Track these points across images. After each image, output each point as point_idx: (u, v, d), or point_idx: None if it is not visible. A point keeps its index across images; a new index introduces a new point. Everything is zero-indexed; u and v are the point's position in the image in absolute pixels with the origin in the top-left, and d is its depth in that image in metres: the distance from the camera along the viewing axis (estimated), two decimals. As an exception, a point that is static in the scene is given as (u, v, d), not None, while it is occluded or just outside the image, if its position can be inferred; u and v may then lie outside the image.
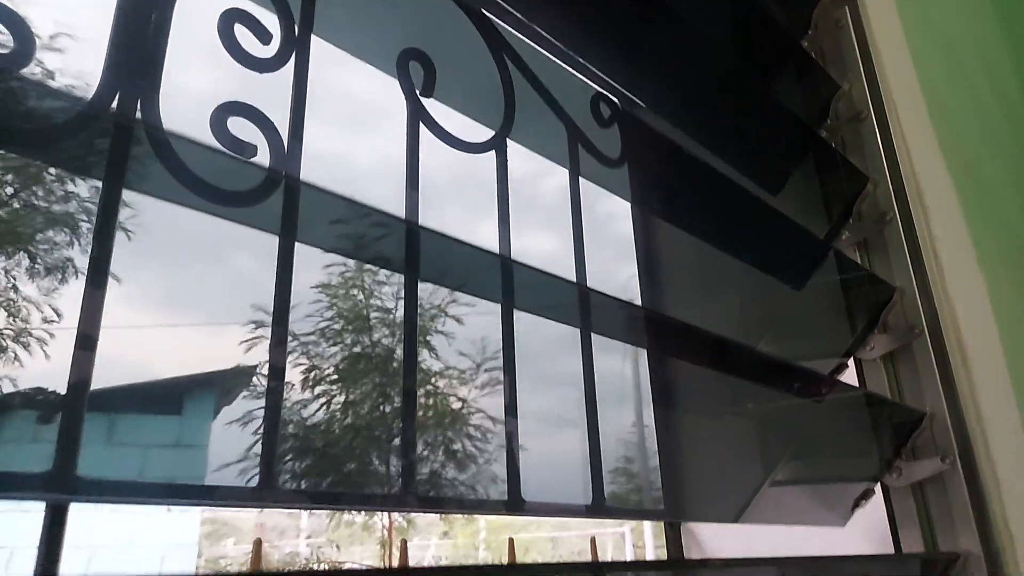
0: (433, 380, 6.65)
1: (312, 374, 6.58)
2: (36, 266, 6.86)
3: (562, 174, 0.99)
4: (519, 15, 0.97)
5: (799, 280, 0.93)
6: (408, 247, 0.72)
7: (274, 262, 0.64)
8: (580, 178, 1.01)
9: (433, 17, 0.88)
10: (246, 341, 6.45)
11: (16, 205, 6.80)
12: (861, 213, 1.01)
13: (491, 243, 0.84)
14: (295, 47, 0.70)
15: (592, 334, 0.86)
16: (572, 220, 0.97)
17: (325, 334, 6.74)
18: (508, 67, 0.93)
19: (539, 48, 1.03)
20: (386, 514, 6.45)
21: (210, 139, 0.62)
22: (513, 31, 0.98)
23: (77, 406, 0.44)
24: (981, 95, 1.46)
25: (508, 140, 0.90)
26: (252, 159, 0.65)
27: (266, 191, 0.65)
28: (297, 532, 7.84)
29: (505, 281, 0.76)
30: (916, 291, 0.99)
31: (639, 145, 1.08)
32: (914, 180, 1.02)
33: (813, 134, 0.96)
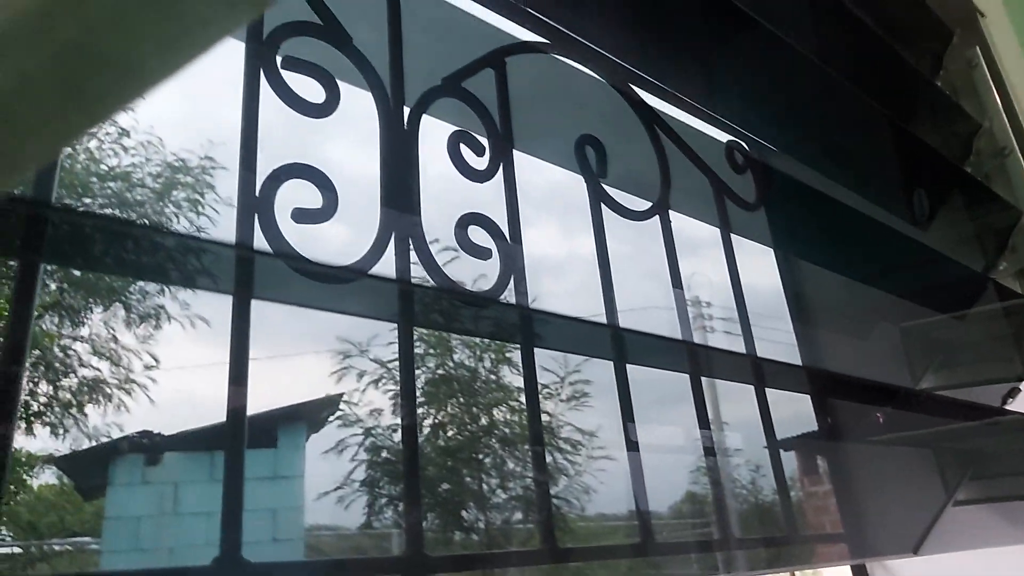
0: (516, 395, 6.76)
1: (399, 399, 6.70)
2: (132, 316, 7.24)
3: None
4: (659, 83, 1.05)
5: (960, 310, 0.98)
6: (615, 342, 0.80)
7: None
8: (728, 222, 1.08)
9: (592, 102, 0.97)
10: (335, 372, 6.69)
11: (108, 260, 7.16)
12: (1016, 245, 1.05)
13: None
14: (502, 159, 0.80)
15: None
16: (727, 266, 1.04)
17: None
18: (659, 136, 1.02)
19: (675, 107, 1.11)
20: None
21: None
22: (647, 95, 1.06)
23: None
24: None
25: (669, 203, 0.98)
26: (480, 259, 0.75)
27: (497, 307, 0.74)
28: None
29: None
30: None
31: (775, 188, 1.15)
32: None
33: (959, 171, 1.00)
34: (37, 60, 0.13)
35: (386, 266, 0.65)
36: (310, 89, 0.65)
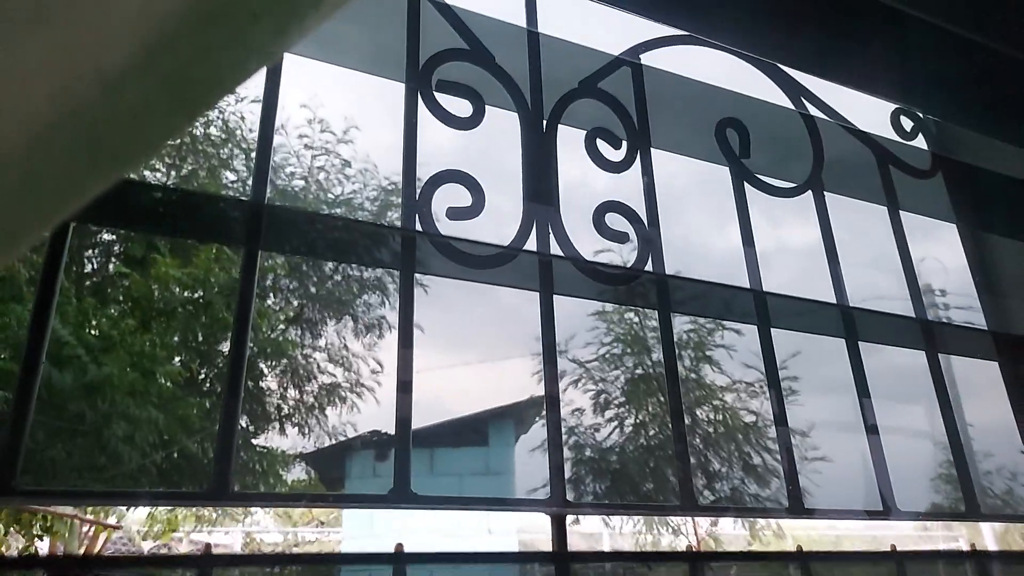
0: (720, 395, 6.57)
1: (601, 398, 6.90)
2: (359, 326, 8.04)
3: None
4: (813, 63, 1.04)
5: None
6: (757, 305, 0.83)
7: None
8: (893, 190, 1.04)
9: (740, 86, 0.99)
10: (536, 374, 6.95)
11: (337, 277, 8.05)
12: None
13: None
14: (639, 149, 0.86)
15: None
16: (894, 232, 1.01)
17: (606, 359, 7.03)
18: (807, 108, 1.01)
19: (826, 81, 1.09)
20: (693, 533, 6.46)
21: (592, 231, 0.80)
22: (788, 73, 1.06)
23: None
24: None
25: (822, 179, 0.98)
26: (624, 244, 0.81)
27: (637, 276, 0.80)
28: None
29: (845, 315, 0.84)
30: None
31: (953, 151, 1.08)
32: None
33: None
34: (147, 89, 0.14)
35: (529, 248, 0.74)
36: (459, 105, 0.76)
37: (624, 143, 0.85)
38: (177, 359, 5.15)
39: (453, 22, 0.78)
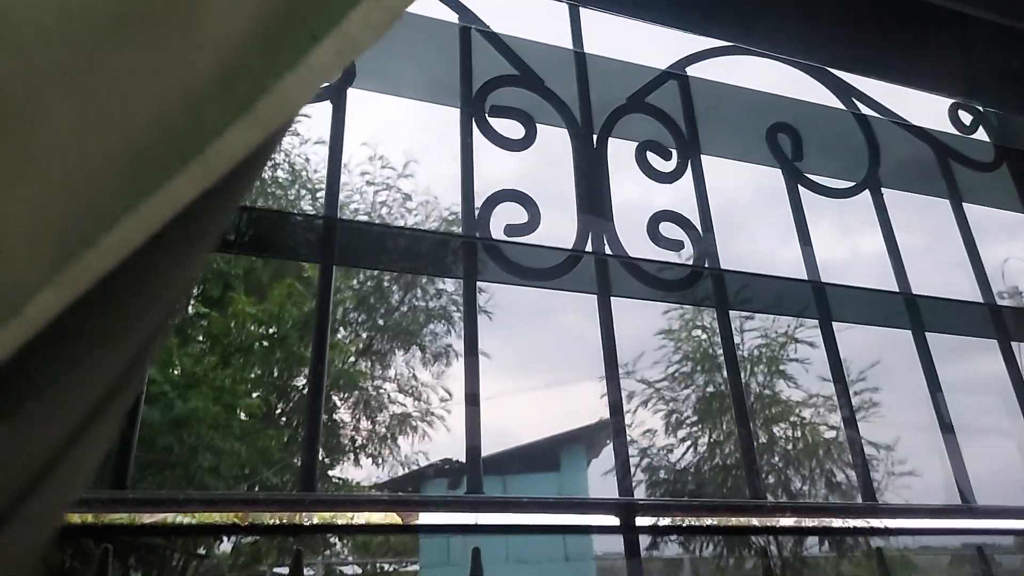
0: (797, 410, 6.36)
1: (672, 418, 6.77)
2: (426, 356, 8.15)
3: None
4: (865, 65, 1.04)
5: None
6: (818, 301, 0.83)
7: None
8: (956, 186, 1.02)
9: (790, 90, 1.00)
10: (605, 396, 6.87)
11: (404, 308, 8.20)
12: None
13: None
14: (688, 159, 0.87)
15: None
16: (959, 226, 0.99)
17: (676, 377, 6.91)
18: (859, 109, 1.01)
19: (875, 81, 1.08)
20: (777, 555, 6.23)
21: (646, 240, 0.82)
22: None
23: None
24: None
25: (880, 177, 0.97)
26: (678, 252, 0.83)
27: (694, 279, 0.82)
28: None
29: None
30: None
31: (1019, 143, 1.06)
32: None
33: None
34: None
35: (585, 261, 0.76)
36: (512, 128, 0.80)
37: (674, 154, 0.87)
38: (255, 393, 5.35)
39: (501, 49, 0.83)
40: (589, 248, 0.76)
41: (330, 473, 6.76)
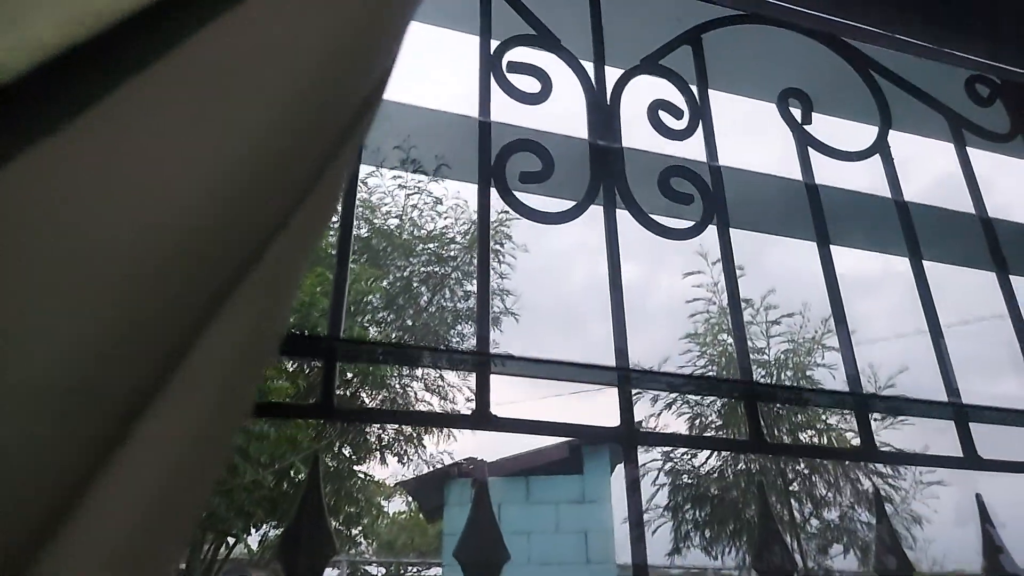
0: (824, 417, 6.28)
1: (697, 422, 6.72)
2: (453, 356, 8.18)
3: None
4: (878, 29, 1.06)
5: None
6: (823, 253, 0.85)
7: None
8: (968, 160, 1.03)
9: (802, 58, 1.02)
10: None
11: (432, 309, 8.27)
12: None
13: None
14: (700, 119, 0.90)
15: None
16: (972, 200, 1.01)
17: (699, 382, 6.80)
18: (875, 79, 1.03)
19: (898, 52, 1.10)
20: (802, 563, 6.15)
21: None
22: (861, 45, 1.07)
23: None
24: None
25: (889, 142, 0.99)
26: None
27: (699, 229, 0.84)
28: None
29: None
30: None
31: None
32: None
33: None
34: None
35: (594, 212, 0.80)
36: (528, 83, 0.84)
37: (686, 113, 0.90)
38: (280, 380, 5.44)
39: (520, 10, 0.87)
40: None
41: (355, 468, 6.84)
